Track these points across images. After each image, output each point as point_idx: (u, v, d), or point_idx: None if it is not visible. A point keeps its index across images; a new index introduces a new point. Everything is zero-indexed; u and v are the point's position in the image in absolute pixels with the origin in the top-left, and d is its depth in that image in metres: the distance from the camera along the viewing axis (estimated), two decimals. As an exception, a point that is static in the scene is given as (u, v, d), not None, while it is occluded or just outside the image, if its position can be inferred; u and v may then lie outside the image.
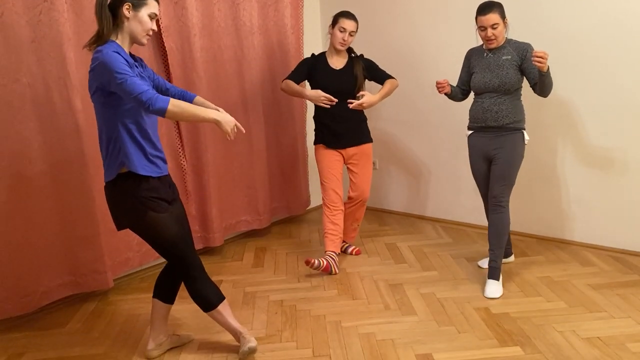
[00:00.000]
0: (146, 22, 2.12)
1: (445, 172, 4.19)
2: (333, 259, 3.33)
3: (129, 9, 2.08)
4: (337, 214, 3.39)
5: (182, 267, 2.30)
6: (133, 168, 2.13)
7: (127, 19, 2.09)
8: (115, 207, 2.21)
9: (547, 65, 2.66)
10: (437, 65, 4.02)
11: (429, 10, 3.99)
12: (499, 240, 2.95)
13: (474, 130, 3.07)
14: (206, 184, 3.62)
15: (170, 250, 2.26)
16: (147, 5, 2.12)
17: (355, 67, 3.37)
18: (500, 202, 2.92)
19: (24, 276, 2.81)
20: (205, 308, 2.36)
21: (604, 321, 2.59)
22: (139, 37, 2.15)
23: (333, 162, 3.42)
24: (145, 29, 2.13)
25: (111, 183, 2.17)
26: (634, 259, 3.31)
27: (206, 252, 3.83)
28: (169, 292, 2.45)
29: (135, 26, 2.11)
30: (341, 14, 3.30)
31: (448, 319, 2.70)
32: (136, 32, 2.13)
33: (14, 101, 2.68)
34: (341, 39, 3.28)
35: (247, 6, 3.74)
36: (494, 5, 2.81)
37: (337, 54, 3.39)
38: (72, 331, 2.78)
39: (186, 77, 3.44)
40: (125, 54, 2.07)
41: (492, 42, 2.89)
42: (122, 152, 2.12)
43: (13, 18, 2.62)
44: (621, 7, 3.16)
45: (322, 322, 2.73)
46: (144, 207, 2.16)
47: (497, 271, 2.97)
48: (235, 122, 2.17)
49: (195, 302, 2.36)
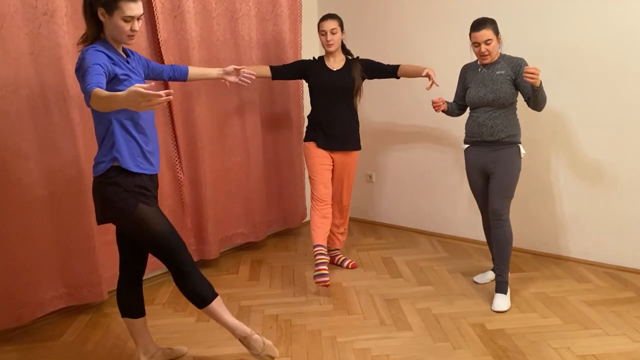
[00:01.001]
0: (121, 26, 2.10)
1: (441, 186, 4.20)
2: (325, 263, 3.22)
3: (103, 14, 2.09)
4: (326, 207, 3.39)
5: (174, 263, 2.25)
6: (125, 165, 2.12)
7: (104, 23, 2.11)
8: (104, 199, 2.16)
9: (540, 80, 2.69)
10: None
11: (426, 23, 4.03)
12: (502, 254, 2.97)
13: (470, 144, 3.09)
14: (203, 196, 3.62)
15: (162, 243, 2.21)
16: (119, 9, 2.07)
17: (353, 69, 3.39)
18: (501, 216, 2.94)
19: (18, 288, 2.79)
20: (200, 304, 2.31)
21: (599, 338, 2.59)
22: (118, 38, 2.15)
23: (323, 158, 3.43)
24: (121, 32, 2.12)
25: (102, 176, 2.14)
26: (630, 276, 3.32)
27: (201, 264, 3.81)
28: (135, 306, 2.40)
29: (112, 30, 2.12)
30: (320, 20, 3.35)
31: (443, 334, 2.70)
32: (114, 34, 2.13)
33: (11, 112, 2.68)
34: (325, 40, 3.32)
35: (245, 20, 3.77)
36: (487, 22, 2.86)
37: (332, 56, 3.41)
38: (66, 343, 2.77)
39: (184, 90, 3.46)
40: (110, 52, 2.10)
41: (486, 58, 2.93)
42: (115, 148, 2.12)
43: (13, 30, 2.63)
44: (615, 22, 3.20)
45: (317, 337, 2.73)
46: (135, 200, 2.15)
47: (504, 285, 3.00)
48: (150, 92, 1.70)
49: (189, 299, 2.30)
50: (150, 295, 3.32)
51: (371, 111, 4.46)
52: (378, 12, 4.30)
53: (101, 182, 2.15)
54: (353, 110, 3.45)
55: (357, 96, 3.44)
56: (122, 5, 2.07)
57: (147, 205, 2.18)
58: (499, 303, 2.94)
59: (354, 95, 3.42)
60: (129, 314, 2.39)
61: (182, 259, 2.25)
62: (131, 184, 2.15)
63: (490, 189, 2.99)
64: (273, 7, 3.98)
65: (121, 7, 2.07)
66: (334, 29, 3.31)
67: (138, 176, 2.17)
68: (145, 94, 1.67)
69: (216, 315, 2.35)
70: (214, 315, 2.35)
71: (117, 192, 2.13)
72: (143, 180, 2.19)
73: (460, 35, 3.78)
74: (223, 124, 3.76)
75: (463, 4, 3.79)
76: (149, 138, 2.22)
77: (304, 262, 3.82)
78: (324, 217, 3.38)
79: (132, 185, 2.15)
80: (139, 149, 2.18)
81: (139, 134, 2.17)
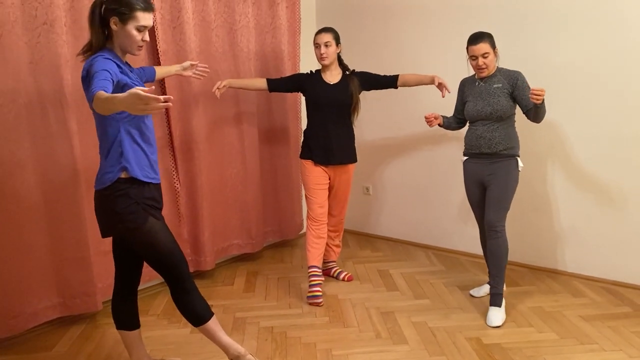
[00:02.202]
0: (133, 35, 2.10)
1: (438, 198, 4.21)
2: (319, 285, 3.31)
3: (116, 22, 2.08)
4: (321, 227, 3.41)
5: (175, 279, 2.22)
6: (134, 174, 2.10)
7: (116, 33, 2.10)
8: (113, 213, 2.11)
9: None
10: (431, 92, 4.06)
11: (423, 36, 4.06)
12: (497, 266, 2.96)
13: (469, 156, 3.11)
14: (199, 206, 3.61)
15: (166, 258, 2.18)
16: (134, 18, 2.08)
17: (351, 84, 3.39)
18: (496, 227, 2.93)
19: (11, 297, 2.77)
20: (196, 323, 2.28)
21: (595, 353, 2.58)
22: (128, 49, 2.15)
23: (320, 177, 3.44)
24: (133, 42, 2.12)
25: (110, 188, 2.09)
26: (626, 291, 3.32)
27: (197, 275, 3.80)
28: (130, 318, 2.38)
29: (123, 39, 2.11)
30: (316, 33, 3.37)
31: (439, 349, 2.68)
32: (124, 44, 2.13)
33: (9, 121, 2.68)
34: (319, 53, 3.33)
35: (244, 32, 3.79)
36: (484, 36, 2.89)
37: (329, 69, 3.42)
38: (59, 354, 2.74)
39: (183, 100, 3.47)
40: (118, 60, 2.10)
41: (483, 71, 2.95)
42: (123, 157, 2.09)
43: (12, 39, 2.64)
44: (614, 37, 3.22)
45: (312, 350, 2.71)
46: (146, 213, 2.12)
47: (499, 297, 2.98)
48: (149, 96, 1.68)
49: (185, 316, 2.27)
50: (145, 306, 3.30)
51: (369, 123, 4.48)
52: (376, 24, 4.33)
53: (110, 195, 2.10)
54: (349, 125, 3.46)
55: (354, 112, 3.45)
56: (138, 15, 2.08)
57: (156, 219, 2.16)
58: (493, 318, 2.92)
59: (351, 112, 3.43)
60: (124, 326, 2.37)
61: (184, 276, 2.23)
62: (141, 196, 2.12)
63: (487, 200, 3.00)
64: (272, 20, 4.01)
65: (137, 16, 2.08)
66: (328, 42, 3.32)
67: (147, 186, 2.15)
68: (144, 97, 1.65)
69: (211, 334, 2.32)
70: (209, 334, 2.32)
71: (127, 204, 2.09)
72: (151, 191, 2.18)
73: (459, 48, 3.81)
74: (220, 134, 3.76)
75: (461, 17, 3.82)
76: (153, 147, 2.22)
77: (300, 274, 3.80)
78: (319, 237, 3.39)
79: (142, 197, 2.12)
80: (146, 159, 2.16)
81: (145, 143, 2.16)
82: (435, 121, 3.15)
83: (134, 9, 2.07)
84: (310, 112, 3.47)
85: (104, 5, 2.08)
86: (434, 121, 3.14)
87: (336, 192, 3.52)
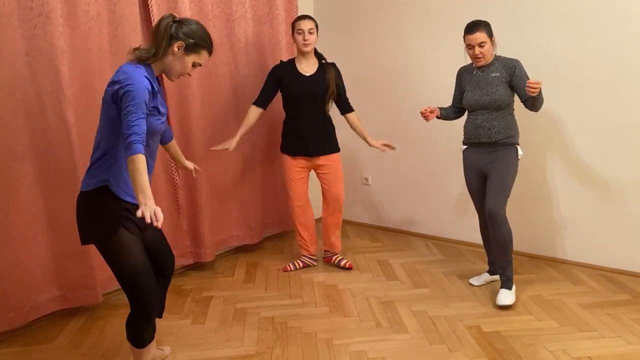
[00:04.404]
0: (187, 66, 2.13)
1: (437, 189, 4.21)
2: (307, 257, 3.71)
3: (180, 47, 2.08)
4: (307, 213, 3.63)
5: (136, 304, 2.11)
6: (115, 191, 2.04)
7: (173, 54, 2.09)
8: (86, 217, 2.07)
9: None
10: (428, 82, 4.06)
11: (420, 28, 4.04)
12: (501, 251, 2.99)
13: (469, 145, 3.11)
14: (198, 198, 3.61)
15: (129, 279, 2.07)
16: (198, 54, 2.13)
17: (327, 73, 3.39)
18: (497, 215, 2.93)
19: (12, 290, 2.77)
20: (134, 344, 2.21)
21: (595, 341, 2.59)
22: (172, 74, 2.14)
23: (298, 172, 3.54)
24: (183, 71, 2.14)
25: (88, 193, 2.05)
26: (625, 278, 3.33)
27: (197, 267, 3.81)
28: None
29: (175, 65, 2.11)
30: (296, 19, 3.37)
31: (439, 337, 2.69)
32: (173, 69, 2.12)
33: (6, 114, 2.67)
34: (302, 40, 3.32)
35: (242, 23, 3.77)
36: (481, 24, 2.88)
37: (305, 59, 3.41)
38: (60, 347, 2.75)
39: (180, 92, 3.45)
40: (153, 80, 2.05)
41: (480, 60, 2.94)
42: (111, 171, 2.04)
43: (8, 31, 2.63)
44: (612, 28, 3.21)
45: (313, 340, 2.72)
46: (117, 223, 2.04)
47: (509, 282, 3.03)
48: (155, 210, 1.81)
49: (128, 334, 2.19)
50: (145, 298, 3.30)
51: (368, 114, 4.47)
52: (374, 15, 4.30)
53: (87, 200, 2.06)
54: (327, 115, 3.47)
55: (329, 101, 3.44)
56: (203, 53, 2.15)
57: (128, 232, 2.06)
58: (502, 297, 2.97)
59: (326, 100, 3.42)
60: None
61: (145, 305, 2.12)
62: (118, 206, 2.05)
63: (488, 188, 3.00)
64: (269, 10, 3.99)
65: (202, 53, 2.14)
66: (312, 29, 3.32)
67: (125, 201, 2.07)
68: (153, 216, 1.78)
69: (138, 356, 2.26)
70: (136, 356, 2.26)
71: (101, 212, 2.04)
72: (130, 207, 2.08)
73: (455, 40, 3.80)
74: (218, 126, 3.75)
75: (459, 8, 3.80)
76: (149, 167, 2.15)
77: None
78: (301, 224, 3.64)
79: (119, 207, 2.05)
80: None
81: None
82: (432, 115, 3.14)
83: (203, 46, 2.14)
84: (287, 105, 3.49)
85: (176, 27, 2.07)
86: (430, 115, 3.13)
87: (330, 180, 3.52)
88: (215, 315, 3.05)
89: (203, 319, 3.00)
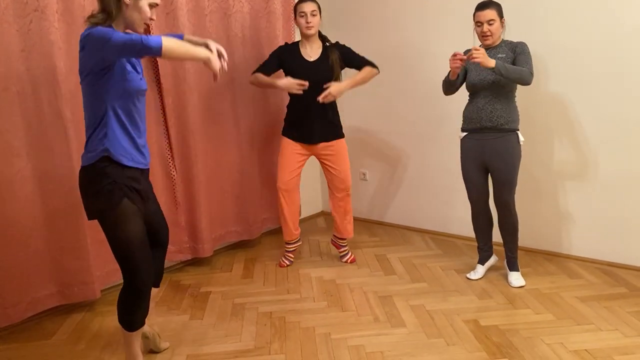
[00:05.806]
0: (145, 11, 2.08)
1: (435, 183, 4.21)
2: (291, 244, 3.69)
3: None
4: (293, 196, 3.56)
5: (128, 277, 2.13)
6: (116, 157, 2.05)
7: (126, 6, 2.06)
8: (90, 190, 2.06)
9: (494, 61, 2.75)
10: (427, 76, 4.05)
11: (421, 18, 4.03)
12: (511, 237, 3.18)
13: (468, 132, 3.10)
14: (196, 194, 3.60)
15: (124, 251, 2.09)
16: None
17: (331, 57, 3.35)
18: (510, 208, 3.09)
19: (9, 286, 2.77)
20: (125, 327, 2.21)
21: (592, 334, 2.60)
22: (136, 25, 2.10)
23: (294, 155, 3.48)
24: (143, 17, 2.09)
25: (91, 166, 2.05)
26: (622, 272, 3.34)
27: (195, 263, 3.81)
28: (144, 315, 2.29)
29: (134, 15, 2.07)
30: (297, 2, 3.32)
31: (437, 331, 2.70)
32: (133, 20, 2.08)
33: (2, 110, 2.66)
34: (305, 22, 3.28)
35: (239, 17, 3.76)
36: (492, 3, 2.93)
37: (309, 42, 3.37)
38: (58, 343, 2.75)
39: (177, 87, 3.44)
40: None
41: (488, 39, 2.95)
42: (107, 138, 2.04)
43: (3, 27, 2.61)
44: (622, 15, 3.17)
45: (311, 334, 2.72)
46: (122, 193, 2.05)
47: (516, 262, 3.24)
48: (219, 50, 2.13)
49: (119, 314, 2.19)
50: (144, 294, 3.30)
51: (364, 108, 4.47)
52: (375, 4, 4.29)
53: (88, 172, 2.06)
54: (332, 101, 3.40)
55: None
56: None
57: (131, 203, 2.07)
58: (514, 280, 3.19)
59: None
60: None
61: (137, 279, 2.14)
62: (120, 175, 2.06)
63: (495, 182, 3.07)
64: (266, 4, 3.97)
65: None
66: (314, 10, 3.28)
67: (129, 169, 2.10)
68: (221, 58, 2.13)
69: (128, 343, 2.25)
70: (127, 342, 2.25)
71: (104, 183, 2.03)
72: (134, 173, 2.12)
73: (456, 31, 3.80)
74: (216, 121, 3.75)
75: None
76: (141, 131, 2.17)
77: (298, 260, 3.81)
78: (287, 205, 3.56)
79: (121, 176, 2.06)
80: (131, 142, 2.12)
81: (132, 125, 2.12)
82: (461, 63, 2.91)
83: None
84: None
85: None
86: (459, 63, 2.89)
87: (337, 166, 3.48)
88: (214, 310, 3.05)
89: (201, 315, 3.00)
